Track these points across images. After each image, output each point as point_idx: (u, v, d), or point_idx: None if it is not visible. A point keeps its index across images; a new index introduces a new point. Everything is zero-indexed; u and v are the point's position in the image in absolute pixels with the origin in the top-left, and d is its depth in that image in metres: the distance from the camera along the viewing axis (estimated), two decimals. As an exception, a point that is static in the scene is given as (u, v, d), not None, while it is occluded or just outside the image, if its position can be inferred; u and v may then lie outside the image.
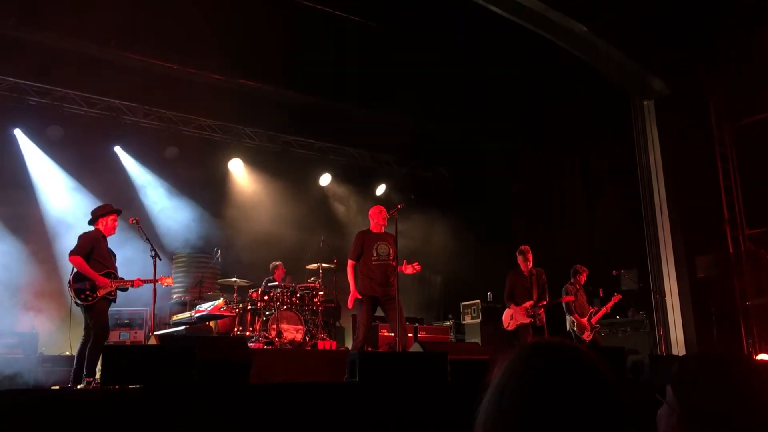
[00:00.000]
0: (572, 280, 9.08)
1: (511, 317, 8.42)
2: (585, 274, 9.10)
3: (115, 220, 6.85)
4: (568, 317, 9.02)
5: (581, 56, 9.85)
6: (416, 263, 7.26)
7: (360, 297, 7.05)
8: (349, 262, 7.32)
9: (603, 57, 9.84)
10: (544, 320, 8.37)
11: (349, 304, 7.27)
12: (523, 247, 8.51)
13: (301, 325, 8.89)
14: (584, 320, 8.92)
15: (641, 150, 10.55)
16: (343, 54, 10.17)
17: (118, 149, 11.09)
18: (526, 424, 1.10)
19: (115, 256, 6.85)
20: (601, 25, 9.31)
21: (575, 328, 8.93)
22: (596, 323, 9.04)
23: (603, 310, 9.10)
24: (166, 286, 7.30)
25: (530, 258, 8.42)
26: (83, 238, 6.56)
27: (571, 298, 8.89)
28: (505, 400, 1.13)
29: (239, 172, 12.18)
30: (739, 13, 9.91)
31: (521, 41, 9.81)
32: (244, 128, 12.19)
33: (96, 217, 6.77)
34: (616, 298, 9.19)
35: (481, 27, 9.71)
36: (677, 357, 8.61)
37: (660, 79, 10.11)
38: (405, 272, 7.26)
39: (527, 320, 8.24)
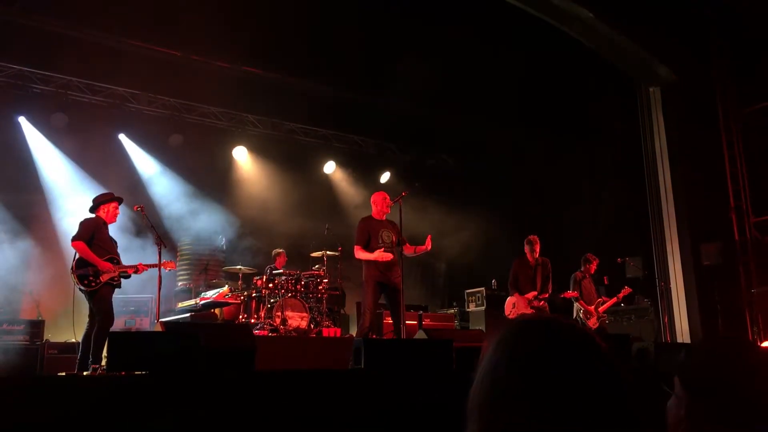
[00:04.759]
0: (582, 268, 9.06)
1: (513, 305, 8.42)
2: (596, 264, 9.08)
3: (116, 208, 6.82)
4: (575, 303, 9.03)
5: (587, 43, 9.80)
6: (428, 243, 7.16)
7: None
8: (357, 247, 7.06)
9: (609, 44, 9.79)
10: (547, 310, 8.34)
11: (384, 257, 6.89)
12: (531, 237, 8.47)
13: (306, 312, 8.90)
14: (591, 308, 8.92)
15: (647, 137, 10.52)
16: (346, 41, 10.10)
17: (122, 137, 11.09)
18: (522, 402, 1.05)
19: (116, 243, 6.86)
20: (607, 11, 9.25)
21: (581, 315, 8.94)
22: (603, 312, 9.03)
23: (613, 300, 9.08)
24: (169, 270, 7.28)
25: (537, 249, 8.38)
26: (84, 223, 6.56)
27: (575, 294, 8.89)
28: (499, 379, 1.08)
29: (243, 159, 12.17)
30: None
31: (527, 28, 9.74)
32: (248, 116, 12.17)
33: (97, 204, 6.75)
34: (626, 291, 9.16)
35: (486, 14, 9.64)
36: (683, 345, 8.61)
37: (666, 65, 10.06)
38: (428, 248, 7.09)
39: (529, 311, 8.19)
